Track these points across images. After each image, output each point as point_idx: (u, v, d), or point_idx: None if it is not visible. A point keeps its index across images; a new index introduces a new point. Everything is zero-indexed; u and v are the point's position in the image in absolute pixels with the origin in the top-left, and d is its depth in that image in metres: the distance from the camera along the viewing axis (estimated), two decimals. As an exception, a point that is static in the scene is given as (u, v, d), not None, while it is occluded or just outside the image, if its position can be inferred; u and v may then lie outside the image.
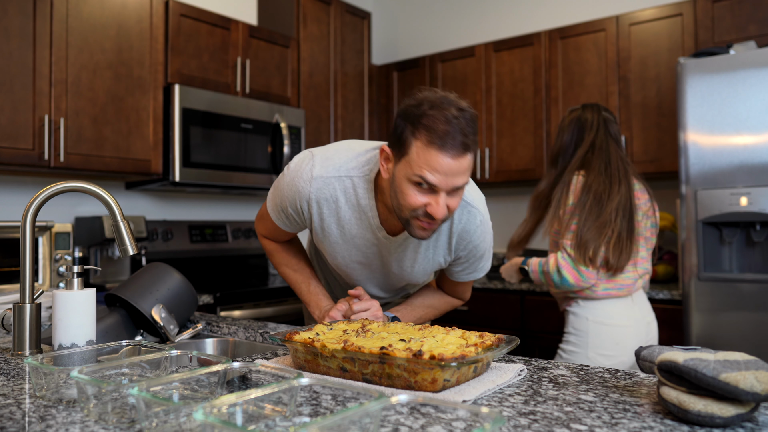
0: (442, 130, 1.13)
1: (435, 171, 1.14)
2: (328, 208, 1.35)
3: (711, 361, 0.80)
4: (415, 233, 1.24)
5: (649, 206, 2.00)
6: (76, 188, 1.28)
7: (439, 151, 1.13)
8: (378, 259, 1.43)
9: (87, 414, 0.85)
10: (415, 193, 1.18)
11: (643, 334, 1.97)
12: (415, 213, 1.20)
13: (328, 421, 0.64)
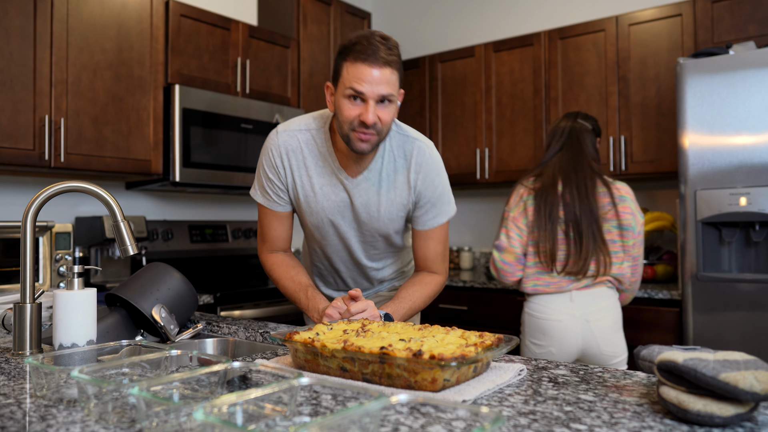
0: (365, 48, 1.35)
1: (361, 81, 1.35)
2: (296, 159, 1.55)
3: (710, 361, 0.80)
4: (355, 146, 1.42)
5: (609, 209, 2.07)
6: (77, 188, 1.28)
7: (363, 63, 1.35)
8: (349, 210, 1.58)
9: (87, 414, 0.85)
10: (350, 106, 1.39)
11: (578, 331, 2.08)
12: (352, 125, 1.40)
13: (329, 420, 0.64)
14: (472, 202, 4.04)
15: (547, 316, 2.12)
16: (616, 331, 2.10)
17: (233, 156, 2.97)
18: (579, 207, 2.06)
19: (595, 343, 2.07)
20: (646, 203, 3.36)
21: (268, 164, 1.58)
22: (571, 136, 2.19)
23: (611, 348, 2.08)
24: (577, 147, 2.17)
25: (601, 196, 2.09)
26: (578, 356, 2.12)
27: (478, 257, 3.95)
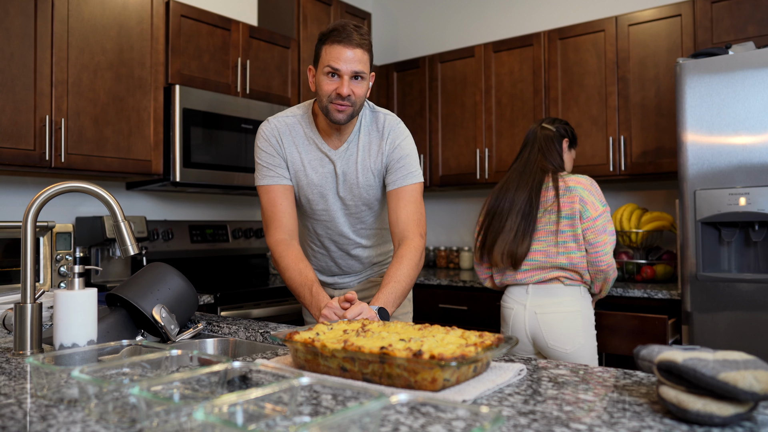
0: (340, 33, 1.58)
1: (337, 59, 1.58)
2: (286, 139, 1.76)
3: (710, 361, 0.80)
4: (333, 116, 1.64)
5: (553, 201, 2.17)
6: (77, 188, 1.29)
7: (339, 45, 1.58)
8: (333, 179, 1.76)
9: (88, 413, 0.85)
10: (328, 81, 1.61)
11: (526, 321, 2.19)
12: (330, 98, 1.62)
13: (329, 420, 0.64)
14: (472, 202, 4.04)
15: (506, 305, 2.29)
16: (566, 328, 2.12)
17: (233, 156, 2.97)
18: (511, 201, 2.22)
19: (542, 335, 2.16)
20: (645, 203, 3.36)
21: (265, 145, 1.75)
22: (530, 141, 2.36)
23: (559, 343, 2.13)
24: (532, 151, 2.32)
25: (545, 191, 2.20)
26: (532, 347, 2.23)
27: (478, 257, 3.95)
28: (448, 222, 4.14)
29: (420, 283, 3.36)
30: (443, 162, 3.71)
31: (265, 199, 1.75)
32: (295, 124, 1.77)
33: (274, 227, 1.73)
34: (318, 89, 1.65)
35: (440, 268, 4.00)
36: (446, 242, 4.14)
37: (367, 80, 1.66)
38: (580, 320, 2.14)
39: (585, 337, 2.14)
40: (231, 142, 2.96)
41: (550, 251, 2.16)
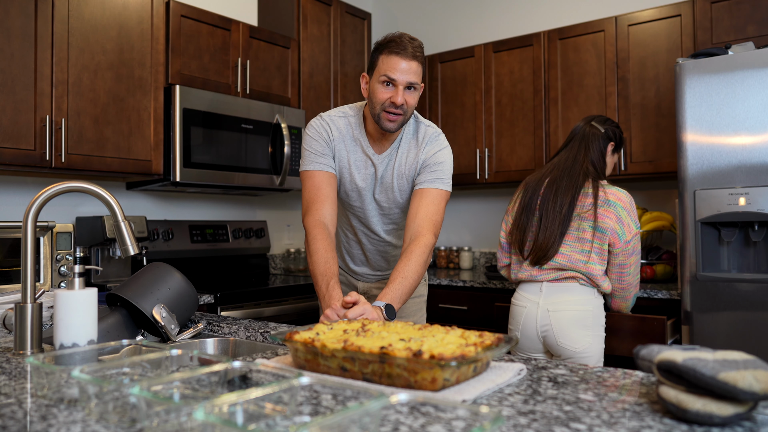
0: (397, 44, 1.66)
1: (394, 69, 1.66)
2: (337, 136, 1.83)
3: (709, 361, 0.80)
4: (384, 125, 1.72)
5: (589, 209, 2.14)
6: (78, 188, 1.29)
7: (396, 56, 1.66)
8: (372, 180, 1.86)
9: (88, 413, 0.85)
10: (383, 90, 1.69)
11: (538, 318, 2.18)
12: (383, 106, 1.70)
13: (329, 420, 0.64)
14: (471, 202, 4.04)
15: (517, 302, 2.25)
16: (577, 326, 2.11)
17: (234, 156, 2.97)
18: (551, 201, 2.17)
19: (552, 333, 2.13)
20: (645, 203, 3.36)
21: (317, 136, 1.82)
22: (577, 138, 2.28)
23: (568, 341, 2.11)
24: (579, 149, 2.24)
25: (583, 197, 2.16)
26: (542, 345, 2.19)
27: (478, 257, 3.96)
28: (448, 222, 4.14)
29: (420, 283, 3.36)
30: (443, 162, 3.71)
31: (309, 183, 1.80)
32: (346, 125, 1.84)
33: (315, 209, 1.75)
34: (372, 96, 1.73)
35: (440, 268, 4.00)
36: (446, 242, 4.14)
37: (419, 91, 1.74)
38: (591, 320, 2.13)
39: (594, 338, 2.13)
40: (231, 142, 2.96)
41: (573, 257, 2.14)
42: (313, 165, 1.81)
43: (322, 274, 1.63)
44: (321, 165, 1.80)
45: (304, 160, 1.84)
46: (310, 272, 1.72)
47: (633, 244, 2.14)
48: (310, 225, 1.74)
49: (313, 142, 1.82)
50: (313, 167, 1.81)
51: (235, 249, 3.31)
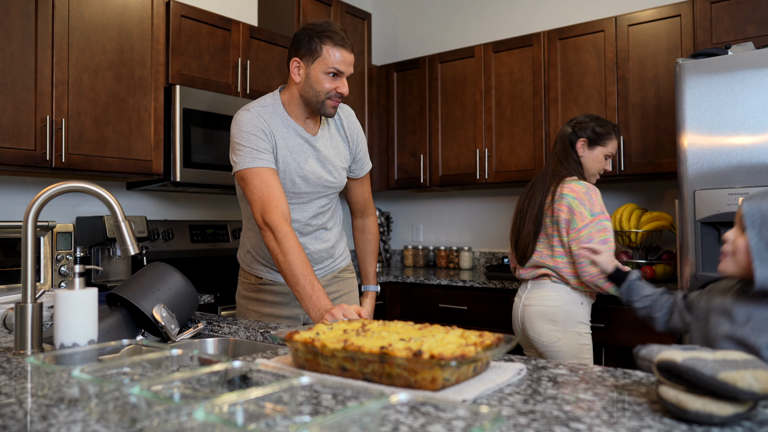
0: (341, 38, 1.76)
1: (342, 63, 1.76)
2: (272, 123, 1.82)
3: (709, 361, 0.80)
4: (327, 111, 1.81)
5: (548, 204, 2.30)
6: (78, 188, 1.29)
7: (343, 49, 1.76)
8: (314, 160, 1.88)
9: (88, 413, 0.85)
10: (329, 80, 1.77)
11: (517, 311, 2.40)
12: (329, 95, 1.78)
13: (329, 420, 0.64)
14: (471, 202, 4.04)
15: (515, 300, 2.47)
16: (542, 320, 2.27)
17: (233, 156, 2.97)
18: (527, 203, 2.38)
19: (527, 326, 2.32)
20: (645, 203, 3.36)
21: (254, 130, 1.78)
22: (556, 141, 2.46)
23: (535, 334, 2.28)
24: (554, 151, 2.44)
25: (548, 195, 2.32)
26: (523, 336, 2.36)
27: (478, 257, 3.96)
28: (448, 222, 4.14)
29: (420, 282, 3.36)
30: (443, 162, 3.71)
31: (257, 180, 1.72)
32: (270, 113, 1.83)
33: (274, 206, 1.69)
34: (314, 84, 1.78)
35: (440, 268, 4.01)
36: (446, 242, 4.14)
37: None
38: (560, 316, 2.24)
39: (563, 333, 2.23)
40: (231, 142, 2.96)
41: (543, 254, 2.32)
42: (257, 162, 1.74)
43: (303, 274, 1.59)
44: (265, 161, 1.75)
45: (242, 156, 1.75)
46: (283, 271, 1.64)
47: (587, 233, 2.17)
48: (276, 222, 1.66)
49: (253, 138, 1.76)
50: (257, 164, 1.74)
51: (235, 249, 3.31)
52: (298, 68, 1.79)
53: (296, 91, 1.82)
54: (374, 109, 3.94)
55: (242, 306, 2.07)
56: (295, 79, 1.80)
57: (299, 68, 1.79)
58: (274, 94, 1.90)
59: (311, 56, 1.76)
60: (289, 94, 1.85)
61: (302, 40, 1.77)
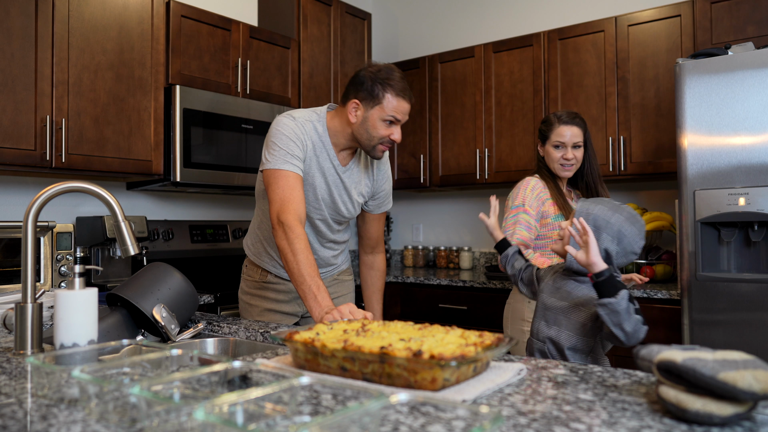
0: (403, 89, 1.80)
1: (401, 113, 1.81)
2: (309, 139, 1.85)
3: (709, 361, 0.80)
4: (376, 155, 1.87)
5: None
6: (78, 188, 1.29)
7: (404, 99, 1.80)
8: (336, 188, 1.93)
9: (88, 413, 0.85)
10: (385, 127, 1.81)
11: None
12: (382, 140, 1.83)
13: (329, 420, 0.64)
14: (471, 202, 4.04)
15: None
16: (504, 320, 2.33)
17: (234, 156, 2.97)
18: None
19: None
20: (645, 203, 3.36)
21: (294, 137, 1.81)
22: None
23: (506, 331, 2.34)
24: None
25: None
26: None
27: (478, 257, 3.96)
28: (448, 222, 4.14)
29: (420, 282, 3.36)
30: (443, 162, 3.71)
31: (282, 182, 1.76)
32: (312, 129, 1.87)
33: (291, 208, 1.72)
34: (370, 128, 1.81)
35: (440, 268, 4.00)
36: (446, 242, 4.14)
37: None
38: (509, 314, 2.29)
39: (512, 330, 2.26)
40: (231, 142, 2.96)
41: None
42: (287, 165, 1.78)
43: (310, 275, 1.61)
44: (295, 167, 1.79)
45: (274, 156, 1.79)
46: (290, 270, 1.65)
47: (504, 224, 2.25)
48: (290, 222, 1.70)
49: (290, 143, 1.80)
50: (287, 167, 1.77)
51: (235, 249, 3.31)
52: (356, 109, 1.82)
53: (348, 128, 1.85)
54: (374, 109, 3.94)
55: (244, 302, 2.11)
56: (351, 119, 1.83)
57: (357, 110, 1.81)
58: (320, 112, 1.91)
59: (371, 101, 1.79)
60: (339, 124, 1.87)
61: (364, 83, 1.79)
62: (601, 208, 1.51)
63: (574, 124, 2.26)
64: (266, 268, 2.04)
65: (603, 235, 1.47)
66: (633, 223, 1.49)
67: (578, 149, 2.27)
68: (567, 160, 2.27)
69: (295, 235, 1.67)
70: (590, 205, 1.52)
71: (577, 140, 2.25)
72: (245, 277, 2.13)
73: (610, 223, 1.48)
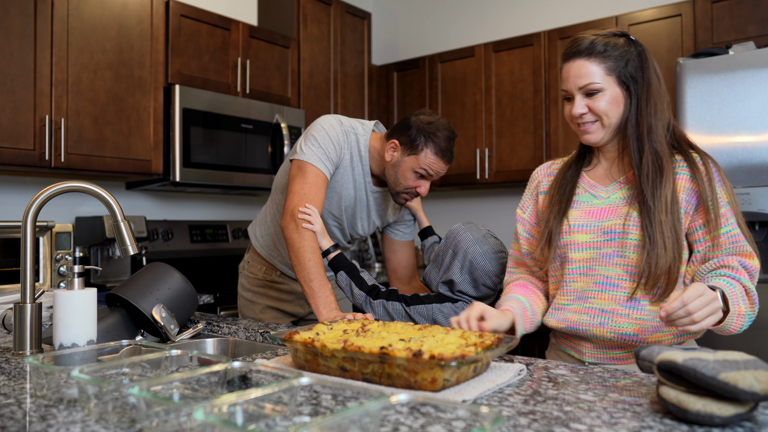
0: (445, 147, 1.75)
1: (434, 170, 1.76)
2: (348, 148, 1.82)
3: (710, 361, 0.80)
4: (398, 200, 1.84)
5: None
6: (77, 188, 1.28)
7: (441, 160, 1.76)
8: (360, 205, 1.90)
9: (88, 413, 0.85)
10: (414, 178, 1.78)
11: None
12: (407, 190, 1.80)
13: (329, 420, 0.64)
14: (472, 202, 4.04)
15: None
16: None
17: (233, 156, 2.97)
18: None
19: None
20: (646, 203, 3.36)
21: (336, 141, 1.77)
22: None
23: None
24: None
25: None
26: None
27: (478, 257, 3.95)
28: (449, 222, 4.14)
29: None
30: (443, 162, 3.71)
31: (311, 178, 1.71)
32: (354, 141, 1.83)
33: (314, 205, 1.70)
34: (400, 175, 1.78)
35: (440, 268, 4.00)
36: (446, 242, 4.14)
37: None
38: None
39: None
40: (231, 142, 2.96)
41: None
42: (321, 165, 1.73)
43: (321, 275, 1.60)
44: (327, 169, 1.74)
45: (312, 150, 1.73)
46: (300, 265, 1.61)
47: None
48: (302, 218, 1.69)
49: (330, 145, 1.76)
50: (320, 165, 1.73)
51: (234, 249, 3.31)
52: (393, 150, 1.78)
53: (381, 164, 1.82)
54: (374, 109, 3.94)
55: (245, 299, 2.10)
56: (386, 158, 1.79)
57: (395, 151, 1.78)
58: (366, 128, 1.87)
59: (410, 149, 1.75)
60: (376, 152, 1.83)
61: (410, 129, 1.75)
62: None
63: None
64: (274, 264, 2.02)
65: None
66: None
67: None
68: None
69: (308, 231, 1.65)
70: (459, 229, 1.68)
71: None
72: (246, 273, 2.12)
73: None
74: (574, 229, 1.36)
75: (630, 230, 1.28)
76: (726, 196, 1.29)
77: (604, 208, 1.35)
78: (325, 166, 1.73)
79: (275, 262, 2.01)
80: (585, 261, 1.34)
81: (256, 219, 2.11)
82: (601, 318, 1.31)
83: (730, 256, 1.27)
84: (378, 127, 1.92)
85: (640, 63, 1.31)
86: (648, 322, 1.28)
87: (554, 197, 1.42)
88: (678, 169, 1.31)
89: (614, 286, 1.31)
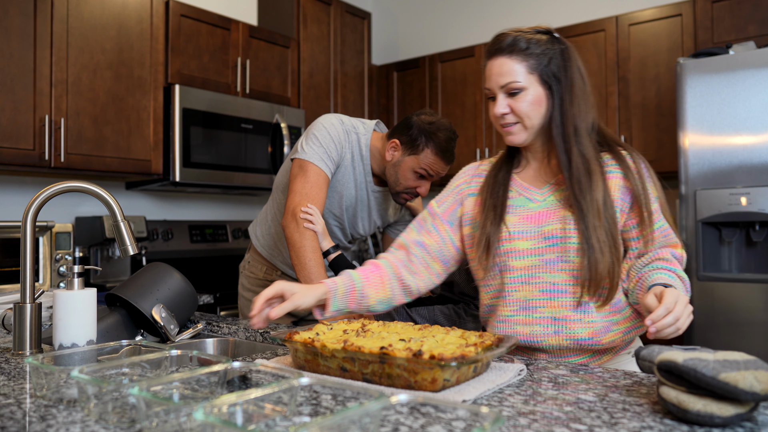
0: (445, 147, 1.78)
1: (435, 171, 1.78)
2: (355, 148, 1.81)
3: (710, 361, 0.80)
4: (398, 200, 1.84)
5: None
6: (77, 188, 1.28)
7: (442, 160, 1.78)
8: (361, 204, 1.89)
9: (87, 414, 0.85)
10: (415, 178, 1.78)
11: None
12: (408, 190, 1.80)
13: (329, 420, 0.64)
14: (472, 202, 4.04)
15: None
16: None
17: (233, 156, 2.97)
18: None
19: None
20: (646, 203, 3.36)
21: (337, 140, 1.76)
22: None
23: None
24: None
25: None
26: None
27: (478, 257, 3.95)
28: (448, 222, 4.14)
29: (420, 283, 3.36)
30: (443, 162, 3.71)
31: (312, 178, 1.71)
32: (354, 141, 1.82)
33: (314, 204, 1.70)
34: (399, 175, 1.78)
35: (440, 268, 4.00)
36: (446, 242, 4.14)
37: None
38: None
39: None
40: (231, 142, 2.96)
41: None
42: (323, 164, 1.73)
43: (323, 275, 1.61)
44: (328, 169, 1.74)
45: (313, 149, 1.73)
46: (300, 263, 1.62)
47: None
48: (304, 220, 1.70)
49: (332, 144, 1.75)
50: (321, 165, 1.72)
51: (234, 249, 3.31)
52: (394, 149, 1.78)
53: (382, 163, 1.82)
54: (374, 109, 3.94)
55: (246, 299, 2.10)
56: (387, 157, 1.80)
57: (395, 150, 1.78)
58: (368, 127, 1.87)
59: (411, 148, 1.75)
60: (377, 151, 1.83)
61: (411, 129, 1.75)
62: None
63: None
64: (275, 264, 2.01)
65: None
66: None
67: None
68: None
69: (309, 231, 1.65)
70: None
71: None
72: (247, 273, 2.11)
73: None
74: (514, 236, 1.28)
75: (570, 233, 1.24)
76: (655, 191, 1.28)
77: (542, 212, 1.29)
78: (327, 165, 1.73)
79: (276, 261, 2.01)
80: (526, 269, 1.27)
81: (257, 219, 2.11)
82: (555, 326, 1.26)
83: (662, 248, 1.27)
84: (379, 127, 1.91)
85: (563, 61, 1.26)
86: (599, 324, 1.25)
87: (487, 201, 1.33)
88: (610, 168, 1.28)
89: (562, 293, 1.25)
